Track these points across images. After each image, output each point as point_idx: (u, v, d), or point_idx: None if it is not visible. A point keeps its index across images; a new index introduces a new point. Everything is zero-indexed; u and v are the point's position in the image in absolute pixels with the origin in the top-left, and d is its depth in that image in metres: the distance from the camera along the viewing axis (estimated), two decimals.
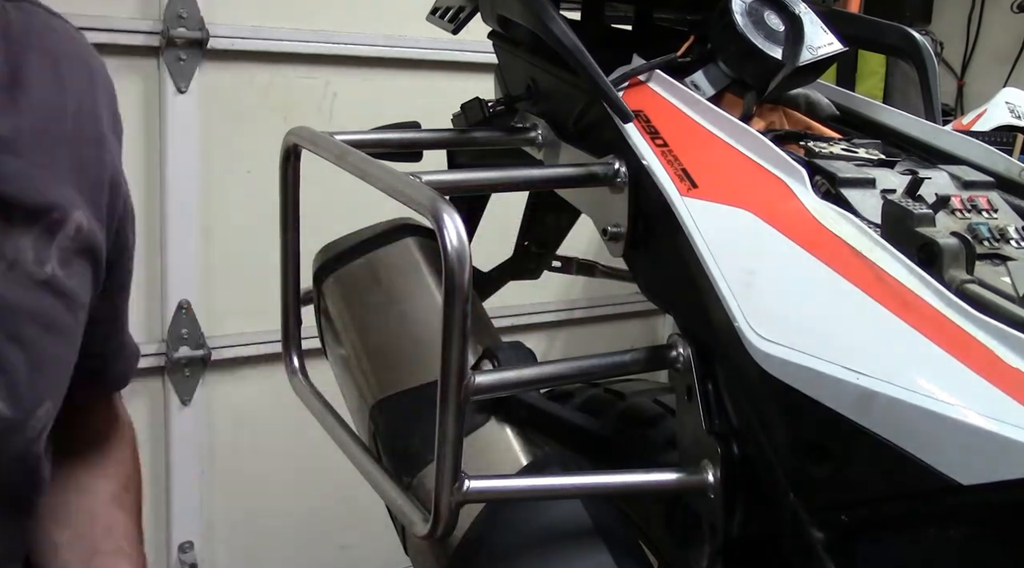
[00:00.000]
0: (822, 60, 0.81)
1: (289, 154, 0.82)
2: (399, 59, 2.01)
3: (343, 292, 0.91)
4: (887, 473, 0.55)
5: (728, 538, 0.68)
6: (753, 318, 0.61)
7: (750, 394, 0.63)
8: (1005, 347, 0.54)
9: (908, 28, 0.92)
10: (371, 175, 0.68)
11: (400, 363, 0.83)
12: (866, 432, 0.55)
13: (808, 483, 0.60)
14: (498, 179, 0.78)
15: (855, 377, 0.55)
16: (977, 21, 2.66)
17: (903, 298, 0.58)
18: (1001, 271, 0.63)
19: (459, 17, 0.97)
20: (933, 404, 0.53)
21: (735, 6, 0.79)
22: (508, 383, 0.69)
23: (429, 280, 0.87)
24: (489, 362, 0.73)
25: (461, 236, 0.60)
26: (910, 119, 0.84)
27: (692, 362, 0.70)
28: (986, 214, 0.68)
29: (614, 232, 0.75)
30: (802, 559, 0.61)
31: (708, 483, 0.69)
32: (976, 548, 0.55)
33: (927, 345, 0.56)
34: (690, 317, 0.72)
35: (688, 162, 0.70)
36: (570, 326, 2.45)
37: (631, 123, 0.74)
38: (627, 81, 0.80)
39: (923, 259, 0.61)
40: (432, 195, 0.62)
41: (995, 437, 0.50)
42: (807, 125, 0.85)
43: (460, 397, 0.63)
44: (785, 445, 0.62)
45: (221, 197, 1.97)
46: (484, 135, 0.89)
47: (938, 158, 0.79)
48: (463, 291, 0.60)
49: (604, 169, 0.75)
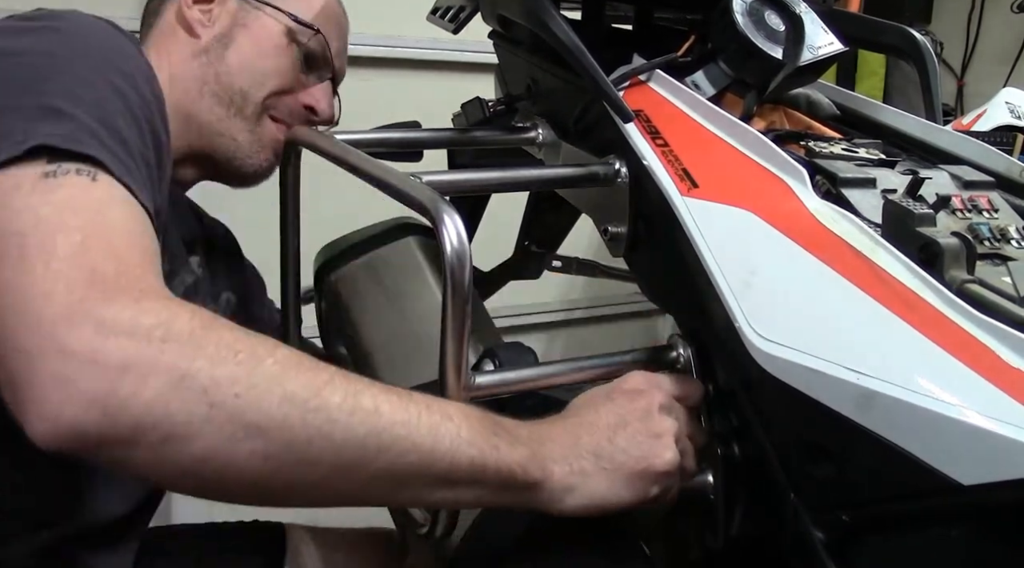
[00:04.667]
0: (822, 60, 0.81)
1: (289, 154, 0.82)
2: (399, 59, 2.01)
3: (344, 291, 0.91)
4: (887, 473, 0.55)
5: (728, 538, 0.68)
6: (753, 318, 0.61)
7: (750, 394, 0.63)
8: (1005, 347, 0.54)
9: (908, 28, 0.92)
10: (371, 175, 0.68)
11: (401, 362, 0.83)
12: (866, 432, 0.55)
13: (808, 483, 0.60)
14: (498, 179, 0.79)
15: (855, 377, 0.55)
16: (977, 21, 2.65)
17: (904, 298, 0.58)
18: (1002, 271, 0.63)
19: (459, 17, 0.97)
20: (933, 404, 0.53)
21: (736, 6, 0.79)
22: (508, 383, 0.69)
23: (430, 280, 0.87)
24: (489, 362, 0.73)
25: (461, 236, 0.60)
26: (910, 119, 0.84)
27: (692, 362, 0.71)
28: (987, 214, 0.68)
29: (614, 232, 0.75)
30: (802, 559, 0.61)
31: (708, 483, 0.69)
32: (976, 548, 0.55)
33: (928, 345, 0.55)
34: (690, 317, 0.72)
35: (689, 162, 0.70)
36: (570, 326, 2.45)
37: (632, 123, 0.74)
38: (627, 81, 0.80)
39: (924, 259, 0.61)
40: (432, 195, 0.62)
41: (995, 437, 0.50)
42: (808, 125, 0.85)
43: (460, 397, 0.63)
44: (785, 445, 0.62)
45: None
46: (484, 135, 0.89)
47: (939, 158, 0.79)
48: (463, 291, 0.60)
49: (605, 169, 0.75)
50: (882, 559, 0.59)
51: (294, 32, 0.94)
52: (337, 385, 0.56)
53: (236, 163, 0.93)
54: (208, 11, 0.93)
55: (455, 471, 0.59)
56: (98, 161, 0.62)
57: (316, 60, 0.96)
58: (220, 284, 0.99)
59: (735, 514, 0.68)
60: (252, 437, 0.53)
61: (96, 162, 0.62)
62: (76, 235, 0.57)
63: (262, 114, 0.93)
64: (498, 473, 0.60)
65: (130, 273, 0.57)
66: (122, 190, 0.63)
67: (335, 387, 0.56)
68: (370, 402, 0.57)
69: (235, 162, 0.93)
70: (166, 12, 0.95)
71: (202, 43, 0.92)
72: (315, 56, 0.95)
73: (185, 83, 0.91)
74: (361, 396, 0.57)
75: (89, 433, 0.52)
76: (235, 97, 0.91)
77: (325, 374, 0.57)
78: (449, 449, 0.58)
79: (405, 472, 0.57)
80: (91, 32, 0.74)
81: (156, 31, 0.95)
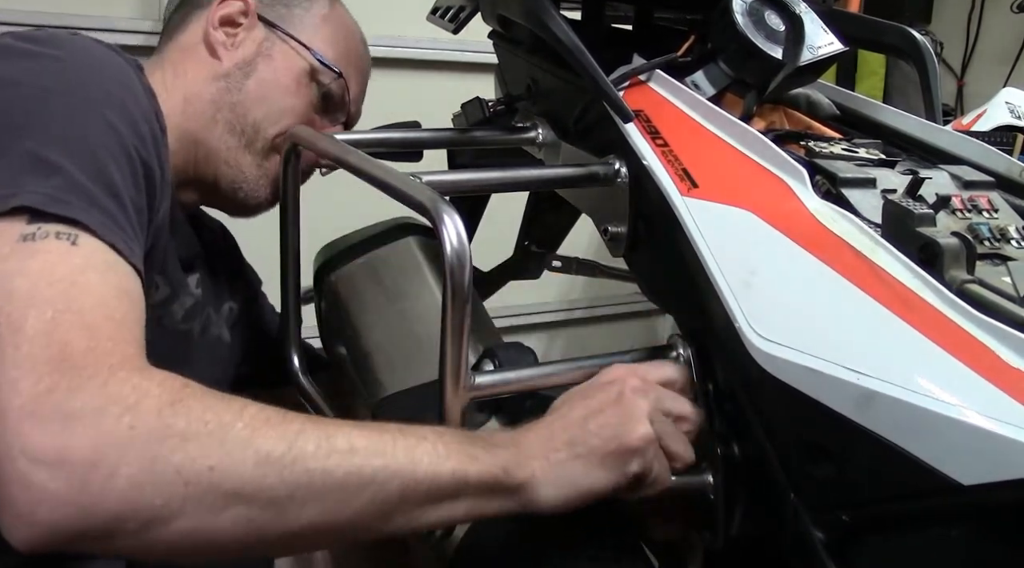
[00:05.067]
0: (822, 60, 0.81)
1: (289, 154, 0.82)
2: (399, 59, 2.01)
3: (344, 291, 0.91)
4: (887, 473, 0.55)
5: (728, 538, 0.68)
6: (753, 318, 0.61)
7: (750, 394, 0.63)
8: (1005, 347, 0.54)
9: (908, 28, 0.92)
10: (371, 175, 0.68)
11: (401, 362, 0.83)
12: (866, 432, 0.55)
13: (809, 483, 0.60)
14: (498, 179, 0.78)
15: (855, 377, 0.55)
16: (977, 21, 2.65)
17: (904, 298, 0.58)
18: (1002, 271, 0.63)
19: (459, 17, 0.97)
20: (933, 404, 0.53)
21: (735, 6, 0.79)
22: (508, 383, 0.69)
23: (430, 280, 0.87)
24: (489, 362, 0.73)
25: (461, 236, 0.60)
26: (910, 119, 0.84)
27: (692, 362, 0.70)
28: (987, 214, 0.68)
29: (614, 232, 0.75)
30: (802, 559, 0.61)
31: (708, 483, 0.69)
32: (976, 548, 0.55)
33: (928, 345, 0.55)
34: (690, 317, 0.72)
35: (688, 162, 0.70)
36: (570, 326, 2.45)
37: (631, 123, 0.74)
38: (627, 81, 0.80)
39: (924, 259, 0.61)
40: (432, 195, 0.62)
41: (995, 437, 0.50)
42: (808, 125, 0.85)
43: (460, 397, 0.63)
44: (785, 445, 0.61)
45: None
46: (484, 135, 0.89)
47: (938, 158, 0.79)
48: (463, 291, 0.60)
49: (605, 169, 0.75)
50: (882, 559, 0.59)
51: (316, 71, 0.93)
52: (309, 433, 0.56)
53: (240, 195, 0.92)
54: (234, 35, 0.92)
55: (439, 487, 0.59)
56: (82, 224, 0.61)
57: (333, 102, 0.95)
58: (221, 295, 0.99)
59: (735, 514, 0.68)
60: (233, 504, 0.53)
61: (79, 224, 0.61)
62: (48, 310, 0.56)
63: (271, 150, 0.92)
64: (481, 480, 0.60)
65: (100, 348, 0.56)
66: (104, 253, 0.62)
67: (307, 436, 0.56)
68: (344, 442, 0.57)
69: (239, 194, 0.92)
70: (190, 28, 0.93)
71: (223, 67, 0.90)
72: (333, 98, 0.94)
73: (200, 106, 0.89)
74: (334, 438, 0.57)
75: (65, 531, 0.51)
76: (247, 129, 0.90)
77: (295, 424, 0.57)
78: (429, 467, 0.58)
79: (390, 500, 0.57)
80: (89, 62, 0.73)
81: (176, 46, 0.93)
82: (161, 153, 0.75)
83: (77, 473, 0.51)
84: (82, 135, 0.67)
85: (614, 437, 0.64)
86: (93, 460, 0.51)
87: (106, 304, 0.59)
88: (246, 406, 0.57)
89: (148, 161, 0.72)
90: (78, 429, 0.52)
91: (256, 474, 0.54)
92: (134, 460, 0.52)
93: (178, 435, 0.53)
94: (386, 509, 0.58)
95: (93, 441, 0.51)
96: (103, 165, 0.66)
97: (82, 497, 0.51)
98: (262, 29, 0.93)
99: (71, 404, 0.53)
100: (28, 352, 0.54)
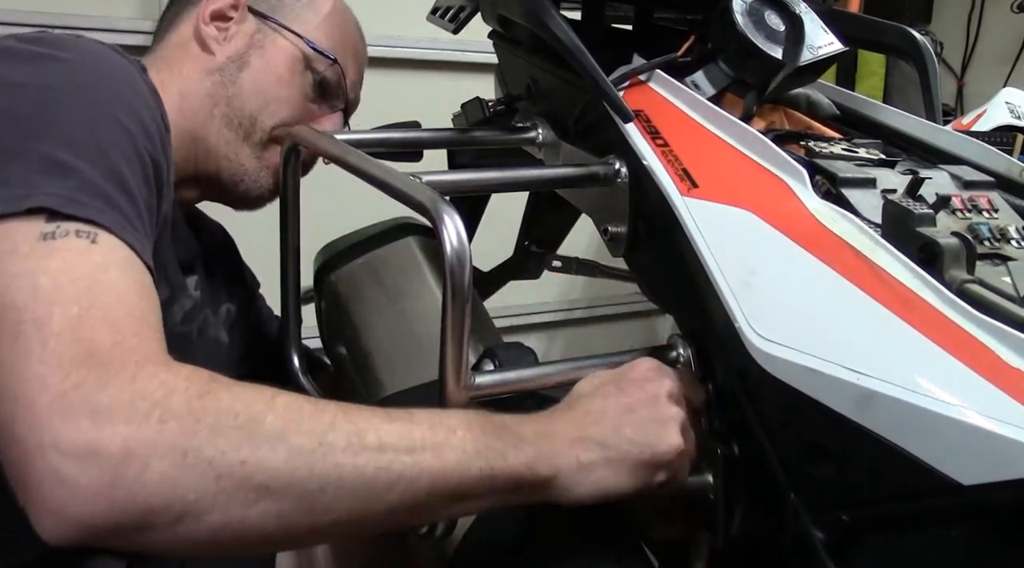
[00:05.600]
0: (822, 60, 0.81)
1: (289, 154, 0.82)
2: (399, 59, 2.01)
3: (344, 291, 0.91)
4: (887, 473, 0.55)
5: (728, 538, 0.68)
6: (753, 318, 0.61)
7: (750, 394, 0.63)
8: (1005, 347, 0.54)
9: (908, 28, 0.92)
10: (371, 175, 0.68)
11: (401, 362, 0.83)
12: (866, 432, 0.55)
13: (809, 483, 0.60)
14: (498, 179, 0.78)
15: (855, 377, 0.55)
16: (977, 21, 2.66)
17: (904, 298, 0.58)
18: (1002, 271, 0.63)
19: (459, 17, 0.97)
20: (933, 404, 0.53)
21: (735, 6, 0.79)
22: (508, 383, 0.69)
23: (430, 280, 0.87)
24: (489, 362, 0.73)
25: (461, 236, 0.60)
26: (910, 119, 0.84)
27: (692, 362, 0.71)
28: (987, 214, 0.68)
29: (614, 232, 0.75)
30: (802, 559, 0.61)
31: (708, 483, 0.69)
32: (976, 548, 0.55)
33: (928, 345, 0.55)
34: (690, 317, 0.72)
35: (688, 162, 0.70)
36: (570, 326, 2.45)
37: (631, 123, 0.74)
38: (627, 81, 0.80)
39: (924, 259, 0.61)
40: (432, 195, 0.62)
41: (995, 437, 0.50)
42: (808, 125, 0.85)
43: (460, 397, 0.63)
44: (785, 445, 0.61)
45: None
46: (484, 135, 0.89)
47: (938, 158, 0.79)
48: (463, 291, 0.60)
49: (604, 169, 0.75)
50: (882, 559, 0.59)
51: (310, 60, 0.93)
52: (340, 427, 0.56)
53: (242, 187, 0.92)
54: (225, 29, 0.92)
55: (466, 486, 0.59)
56: (99, 223, 0.62)
57: (330, 89, 0.94)
58: (220, 297, 0.99)
59: (735, 514, 0.68)
60: (264, 498, 0.53)
61: (97, 224, 0.61)
62: (73, 307, 0.56)
63: (270, 142, 0.91)
64: (508, 479, 0.61)
65: (126, 343, 0.56)
66: (122, 251, 0.62)
67: (338, 431, 0.56)
68: (374, 438, 0.57)
69: (241, 186, 0.92)
70: (181, 26, 0.93)
71: (216, 61, 0.91)
72: (329, 85, 0.94)
73: (196, 102, 0.89)
74: (365, 434, 0.57)
75: (98, 526, 0.51)
76: (244, 121, 0.90)
77: (327, 416, 0.57)
78: (457, 466, 0.59)
79: (418, 498, 0.58)
80: (96, 64, 0.73)
81: (169, 44, 0.93)
82: (168, 152, 0.76)
83: (109, 467, 0.51)
84: (94, 136, 0.67)
85: (648, 446, 0.64)
86: (125, 455, 0.51)
87: (128, 301, 0.60)
88: (276, 395, 0.57)
89: (157, 160, 0.72)
90: (108, 424, 0.52)
91: (287, 468, 0.54)
92: (166, 454, 0.52)
93: (208, 429, 0.53)
94: (413, 505, 0.58)
95: (124, 436, 0.51)
96: (116, 165, 0.66)
97: (114, 491, 0.51)
98: (253, 21, 0.93)
99: (100, 399, 0.53)
100: (55, 348, 0.54)
